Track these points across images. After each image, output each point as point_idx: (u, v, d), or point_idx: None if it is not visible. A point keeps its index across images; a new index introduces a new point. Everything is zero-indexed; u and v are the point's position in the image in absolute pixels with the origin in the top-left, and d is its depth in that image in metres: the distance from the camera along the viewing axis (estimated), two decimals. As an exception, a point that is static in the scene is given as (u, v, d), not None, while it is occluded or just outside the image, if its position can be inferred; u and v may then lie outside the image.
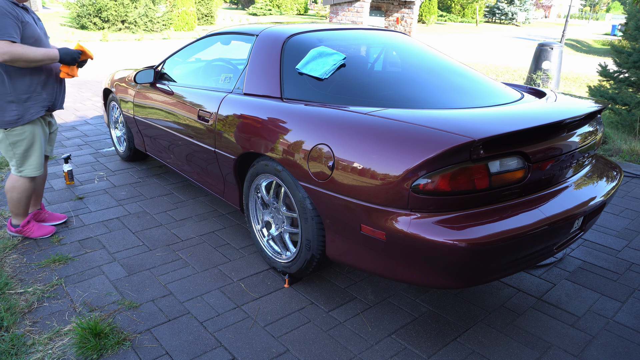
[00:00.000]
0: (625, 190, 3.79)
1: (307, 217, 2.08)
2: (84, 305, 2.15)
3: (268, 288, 2.32)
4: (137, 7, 17.74)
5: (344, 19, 11.00)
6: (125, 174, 3.85)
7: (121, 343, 1.90)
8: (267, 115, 2.25)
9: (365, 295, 2.28)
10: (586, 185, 2.12)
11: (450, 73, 2.59)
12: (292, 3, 30.75)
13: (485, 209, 1.75)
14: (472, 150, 1.66)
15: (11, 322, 2.00)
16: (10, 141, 2.47)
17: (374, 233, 1.79)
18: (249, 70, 2.52)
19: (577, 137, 2.05)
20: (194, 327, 2.02)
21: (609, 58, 12.52)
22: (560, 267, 2.58)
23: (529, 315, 2.15)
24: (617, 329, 2.07)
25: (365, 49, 2.90)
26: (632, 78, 6.21)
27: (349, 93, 2.23)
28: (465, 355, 1.90)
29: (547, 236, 1.82)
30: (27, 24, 2.34)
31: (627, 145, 4.88)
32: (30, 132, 2.50)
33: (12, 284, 2.27)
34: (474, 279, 1.74)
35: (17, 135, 2.47)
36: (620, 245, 2.85)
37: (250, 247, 2.72)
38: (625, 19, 7.02)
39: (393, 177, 1.71)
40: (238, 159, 2.46)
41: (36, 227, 2.74)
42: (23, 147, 2.50)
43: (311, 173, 1.98)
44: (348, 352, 1.90)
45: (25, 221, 2.70)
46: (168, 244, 2.73)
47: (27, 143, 2.51)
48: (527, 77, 8.32)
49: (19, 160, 2.52)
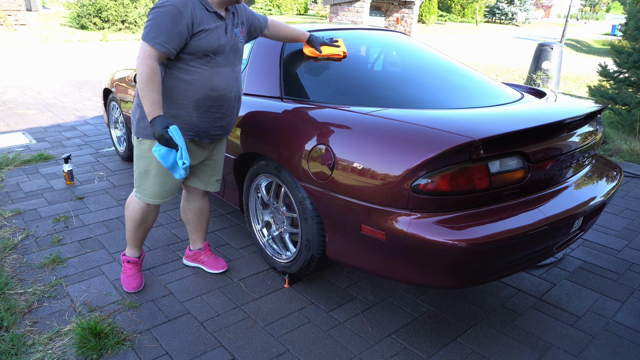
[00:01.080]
0: (625, 190, 3.79)
1: (307, 217, 2.08)
2: (84, 305, 2.15)
3: (268, 288, 2.32)
4: (137, 7, 17.74)
5: (344, 19, 11.00)
6: (125, 174, 3.85)
7: (121, 343, 1.90)
8: (267, 115, 2.25)
9: (365, 295, 2.28)
10: (586, 185, 2.12)
11: (450, 73, 2.59)
12: (292, 3, 30.75)
13: (485, 209, 1.75)
14: (472, 150, 1.66)
15: (11, 322, 2.00)
16: (137, 152, 2.08)
17: (374, 233, 1.79)
18: (249, 70, 2.52)
19: (577, 137, 2.05)
20: (194, 327, 2.02)
21: (609, 58, 12.53)
22: (560, 267, 2.58)
23: (529, 315, 2.15)
24: (617, 329, 2.07)
25: (365, 49, 2.90)
26: (632, 78, 6.21)
27: (349, 93, 2.23)
28: (465, 355, 1.90)
29: (547, 236, 1.82)
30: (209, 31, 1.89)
31: (627, 145, 4.88)
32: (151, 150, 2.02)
33: (12, 284, 2.27)
34: (474, 279, 1.74)
35: (144, 150, 2.04)
36: (620, 245, 2.85)
37: (250, 247, 2.72)
38: (625, 19, 7.02)
39: (393, 177, 1.71)
40: (238, 159, 2.46)
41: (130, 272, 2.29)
42: (143, 166, 2.07)
43: (311, 173, 1.98)
44: (348, 352, 1.90)
45: (127, 259, 2.30)
46: (168, 244, 2.73)
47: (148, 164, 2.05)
48: (527, 77, 8.32)
49: (138, 178, 2.10)
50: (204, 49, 1.90)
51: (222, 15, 1.97)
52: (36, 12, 19.82)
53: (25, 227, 2.88)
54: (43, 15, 19.40)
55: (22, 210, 3.10)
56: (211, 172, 2.28)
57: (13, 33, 14.63)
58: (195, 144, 2.10)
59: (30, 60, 10.82)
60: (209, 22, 1.91)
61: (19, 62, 10.37)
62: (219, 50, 1.95)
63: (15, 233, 2.79)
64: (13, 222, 2.93)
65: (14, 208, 3.13)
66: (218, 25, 1.95)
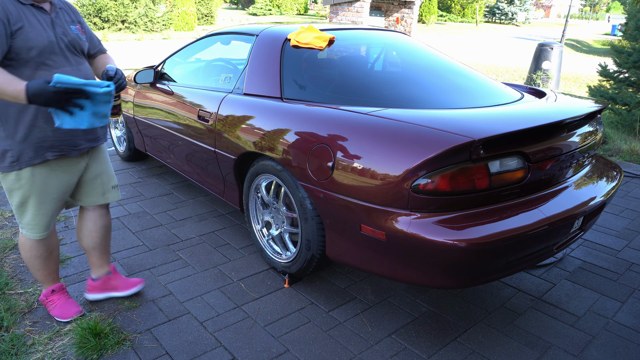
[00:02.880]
0: (625, 190, 3.79)
1: (307, 217, 2.08)
2: (84, 305, 2.14)
3: (268, 288, 2.32)
4: (137, 7, 17.75)
5: (344, 19, 10.99)
6: (125, 174, 3.85)
7: (121, 343, 1.90)
8: (267, 115, 2.25)
9: (365, 295, 2.28)
10: (586, 185, 2.12)
11: (450, 73, 2.59)
12: (292, 3, 30.75)
13: (485, 209, 1.75)
14: (472, 150, 1.66)
15: (11, 322, 2.00)
16: (5, 187, 1.80)
17: (374, 233, 1.79)
18: (249, 70, 2.52)
19: (577, 137, 2.05)
20: (194, 327, 2.02)
21: (609, 58, 12.53)
22: (560, 267, 2.58)
23: (529, 315, 2.15)
24: (617, 329, 2.07)
25: (365, 49, 2.90)
26: (632, 78, 6.21)
27: (349, 93, 2.23)
28: (465, 355, 1.90)
29: (547, 236, 1.82)
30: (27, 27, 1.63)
31: (627, 145, 4.88)
32: (27, 180, 1.76)
33: (12, 284, 2.27)
34: (474, 279, 1.74)
35: (12, 182, 1.77)
36: (620, 245, 2.85)
37: (250, 247, 2.72)
38: (625, 19, 7.02)
39: (393, 177, 1.71)
40: (238, 159, 2.46)
41: (60, 301, 2.03)
42: (17, 199, 1.80)
43: (311, 173, 1.98)
44: (348, 352, 1.90)
45: (49, 290, 2.04)
46: (168, 244, 2.73)
47: (22, 194, 1.79)
48: (527, 77, 8.32)
49: (17, 213, 1.85)
50: (31, 47, 1.61)
51: (44, 8, 1.71)
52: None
53: (25, 227, 2.88)
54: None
55: (22, 210, 3.10)
56: (102, 181, 1.99)
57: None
58: (63, 160, 1.80)
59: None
60: (27, 17, 1.63)
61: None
62: (52, 48, 1.68)
63: (15, 233, 2.79)
64: (13, 222, 2.93)
65: (14, 208, 3.13)
66: (40, 19, 1.67)
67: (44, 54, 1.67)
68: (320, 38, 2.43)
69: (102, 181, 2.00)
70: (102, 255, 2.13)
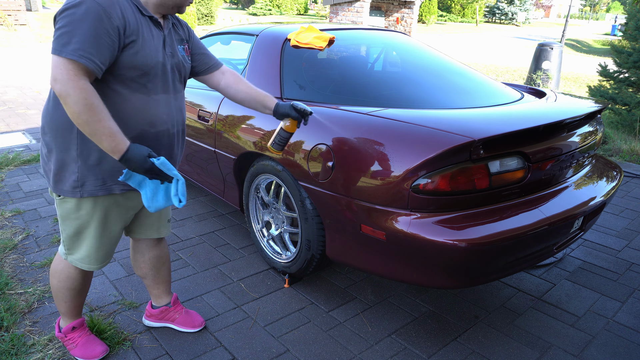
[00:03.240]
0: (625, 190, 3.79)
1: (307, 217, 2.08)
2: (84, 305, 2.14)
3: (268, 288, 2.32)
4: (137, 7, 17.74)
5: (344, 19, 11.00)
6: (125, 174, 3.85)
7: (121, 343, 1.90)
8: (267, 115, 2.24)
9: (365, 295, 2.28)
10: (586, 185, 2.12)
11: (450, 73, 2.59)
12: (292, 3, 30.75)
13: (485, 209, 1.75)
14: (472, 150, 1.66)
15: (11, 322, 2.00)
16: (60, 213, 1.60)
17: (374, 233, 1.79)
18: (249, 70, 2.52)
19: (577, 137, 2.05)
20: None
21: (609, 58, 12.52)
22: (560, 267, 2.58)
23: (529, 315, 2.15)
24: (617, 329, 2.07)
25: (365, 49, 2.90)
26: (632, 78, 6.21)
27: (349, 93, 2.23)
28: (465, 355, 1.90)
29: (547, 236, 1.82)
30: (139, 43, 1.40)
31: (627, 145, 4.88)
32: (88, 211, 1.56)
33: (12, 284, 2.27)
34: (474, 279, 1.74)
35: (69, 211, 1.57)
36: (620, 245, 2.85)
37: (250, 247, 2.72)
38: (625, 18, 7.02)
39: (393, 177, 1.71)
40: (238, 159, 2.46)
41: (82, 340, 1.82)
42: (72, 229, 1.61)
43: (311, 173, 1.98)
44: (348, 352, 1.90)
45: (70, 327, 1.81)
46: (168, 244, 2.73)
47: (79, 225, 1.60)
48: (527, 77, 8.32)
49: (67, 241, 1.64)
50: (137, 66, 1.40)
51: (160, 22, 1.50)
52: (36, 12, 19.82)
53: (25, 227, 2.88)
54: (43, 16, 19.40)
55: (22, 210, 3.10)
56: (159, 215, 1.82)
57: (13, 33, 14.63)
58: (129, 194, 1.62)
59: (30, 60, 10.82)
60: (142, 31, 1.41)
61: (19, 62, 10.38)
62: (156, 71, 1.47)
63: (15, 233, 2.79)
64: (13, 222, 2.93)
65: (14, 208, 3.13)
66: (155, 34, 1.46)
67: (147, 76, 1.45)
68: (320, 38, 2.44)
69: (159, 215, 1.83)
70: (155, 285, 1.96)
